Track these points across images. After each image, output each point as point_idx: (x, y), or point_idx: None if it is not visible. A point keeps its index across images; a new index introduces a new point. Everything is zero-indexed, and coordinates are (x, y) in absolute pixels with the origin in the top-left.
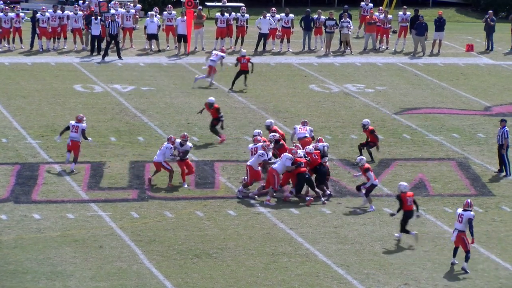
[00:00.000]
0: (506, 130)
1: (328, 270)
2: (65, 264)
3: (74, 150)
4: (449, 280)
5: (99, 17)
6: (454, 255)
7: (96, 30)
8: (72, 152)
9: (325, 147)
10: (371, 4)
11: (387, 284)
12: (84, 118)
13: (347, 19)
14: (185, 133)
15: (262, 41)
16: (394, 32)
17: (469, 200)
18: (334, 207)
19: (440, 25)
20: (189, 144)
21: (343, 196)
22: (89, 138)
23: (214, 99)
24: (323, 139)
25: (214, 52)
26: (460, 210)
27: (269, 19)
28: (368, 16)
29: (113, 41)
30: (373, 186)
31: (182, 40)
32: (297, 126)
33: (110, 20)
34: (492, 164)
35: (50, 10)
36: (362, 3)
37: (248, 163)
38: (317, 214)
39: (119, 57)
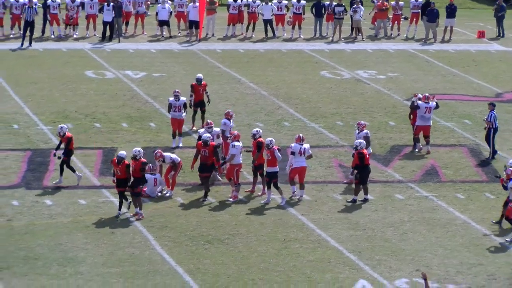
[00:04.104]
0: (494, 114)
1: (340, 256)
2: (77, 250)
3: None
4: (460, 266)
5: (111, 3)
6: None
7: (108, 16)
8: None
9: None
10: None
11: (398, 270)
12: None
13: (359, 5)
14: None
15: (269, 26)
16: (405, 18)
17: None
18: (346, 192)
19: (451, 11)
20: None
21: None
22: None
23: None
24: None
25: None
26: None
27: (271, 4)
28: (380, 3)
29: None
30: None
31: (194, 27)
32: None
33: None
34: (502, 150)
35: None
36: None
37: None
38: (328, 200)
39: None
